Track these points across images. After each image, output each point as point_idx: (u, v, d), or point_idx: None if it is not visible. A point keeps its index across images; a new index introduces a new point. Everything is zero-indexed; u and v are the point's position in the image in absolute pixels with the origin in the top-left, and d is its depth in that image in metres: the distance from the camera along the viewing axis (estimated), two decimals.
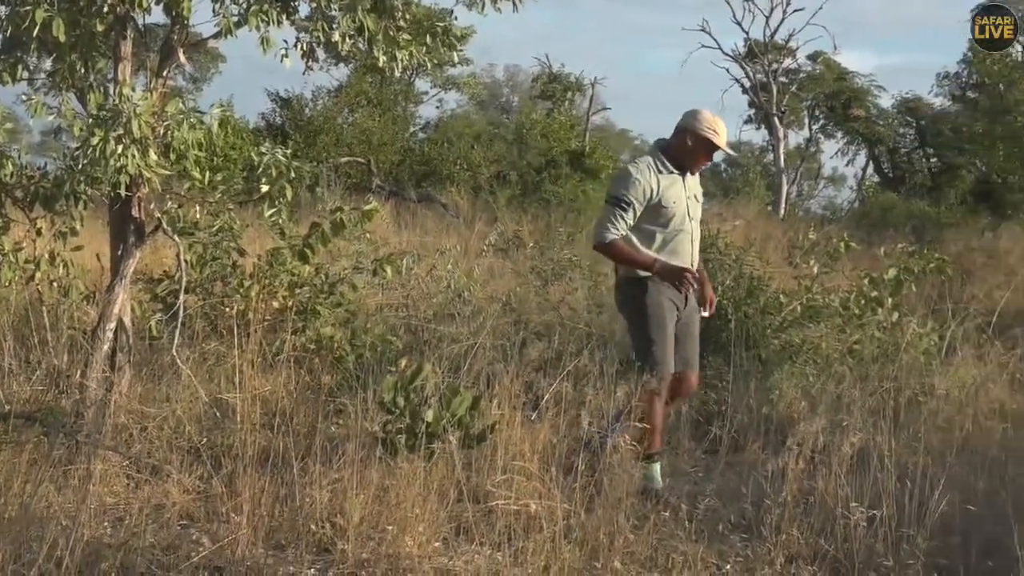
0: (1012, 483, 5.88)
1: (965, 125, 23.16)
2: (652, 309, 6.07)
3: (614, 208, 6.04)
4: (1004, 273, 15.93)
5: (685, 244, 6.21)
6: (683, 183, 6.21)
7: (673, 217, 6.13)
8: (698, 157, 6.26)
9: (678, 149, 6.20)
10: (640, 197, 6.02)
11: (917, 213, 22.39)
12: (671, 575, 4.58)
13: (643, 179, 6.04)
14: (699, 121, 6.16)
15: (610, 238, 6.03)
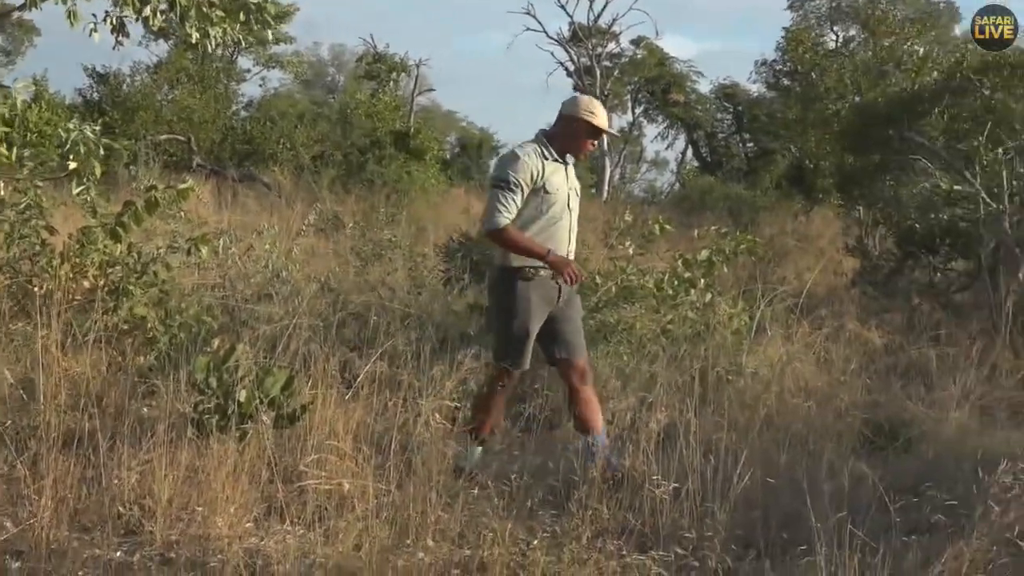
0: (811, 458, 6.11)
1: (780, 111, 23.85)
2: (520, 305, 5.96)
3: (502, 191, 5.91)
4: (814, 255, 16.45)
5: (563, 234, 6.12)
6: (565, 173, 6.15)
7: (554, 205, 6.04)
8: (581, 142, 6.20)
9: (561, 136, 6.16)
10: (527, 179, 5.92)
11: (733, 196, 22.92)
12: (481, 551, 4.62)
13: (530, 161, 5.94)
14: (577, 105, 6.15)
15: (502, 222, 5.88)
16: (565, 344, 6.12)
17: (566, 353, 6.12)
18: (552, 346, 6.13)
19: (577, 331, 6.24)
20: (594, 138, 6.26)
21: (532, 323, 5.96)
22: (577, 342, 6.20)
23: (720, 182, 25.33)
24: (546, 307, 6.02)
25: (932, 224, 12.31)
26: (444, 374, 6.33)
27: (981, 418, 7.55)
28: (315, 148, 24.62)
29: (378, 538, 4.59)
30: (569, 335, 6.15)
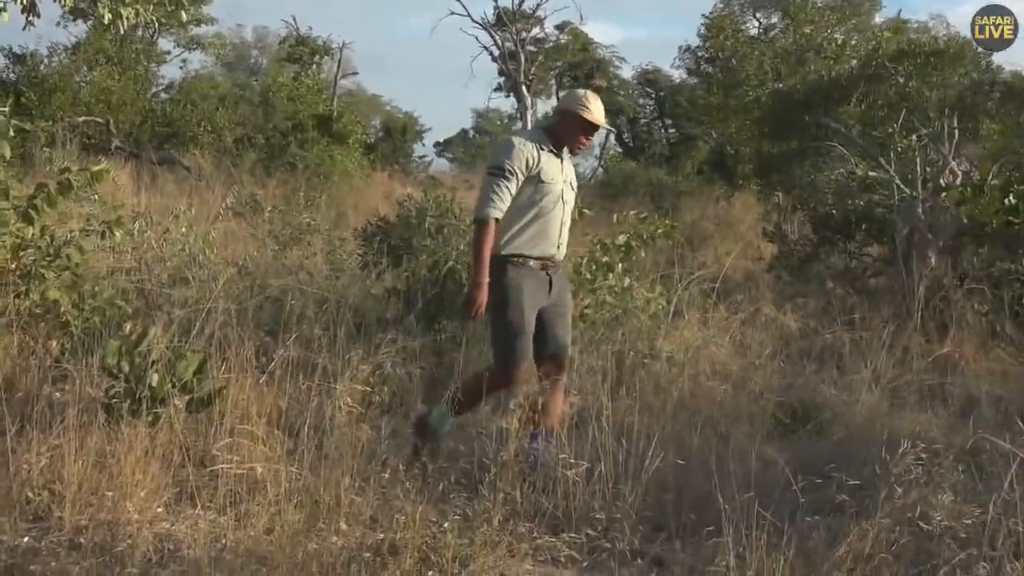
0: (723, 440, 6.18)
1: (701, 97, 23.99)
2: (512, 294, 5.88)
3: (496, 179, 5.86)
4: (734, 240, 16.59)
5: (554, 227, 6.05)
6: (561, 165, 6.10)
7: (548, 195, 5.97)
8: (576, 135, 6.15)
9: (558, 129, 6.14)
10: (522, 167, 5.86)
11: (655, 182, 23.05)
12: (394, 534, 4.63)
13: (525, 149, 5.89)
14: (573, 100, 6.16)
15: (491, 216, 5.84)
16: (556, 343, 6.09)
17: (556, 349, 6.08)
18: (538, 338, 6.02)
19: (568, 330, 6.24)
20: (588, 133, 6.21)
21: (528, 312, 5.91)
22: (567, 340, 6.20)
23: (642, 167, 25.48)
24: (539, 298, 5.98)
25: (848, 210, 12.46)
26: (361, 358, 6.31)
27: (892, 401, 7.66)
28: (237, 131, 24.37)
29: (290, 522, 4.58)
30: (560, 334, 6.12)
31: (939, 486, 4.86)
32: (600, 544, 4.90)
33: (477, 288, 5.82)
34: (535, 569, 4.68)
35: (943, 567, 4.42)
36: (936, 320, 10.02)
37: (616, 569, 4.81)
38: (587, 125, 6.10)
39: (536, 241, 5.96)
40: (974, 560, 4.37)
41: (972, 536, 4.54)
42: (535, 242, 5.96)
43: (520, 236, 5.93)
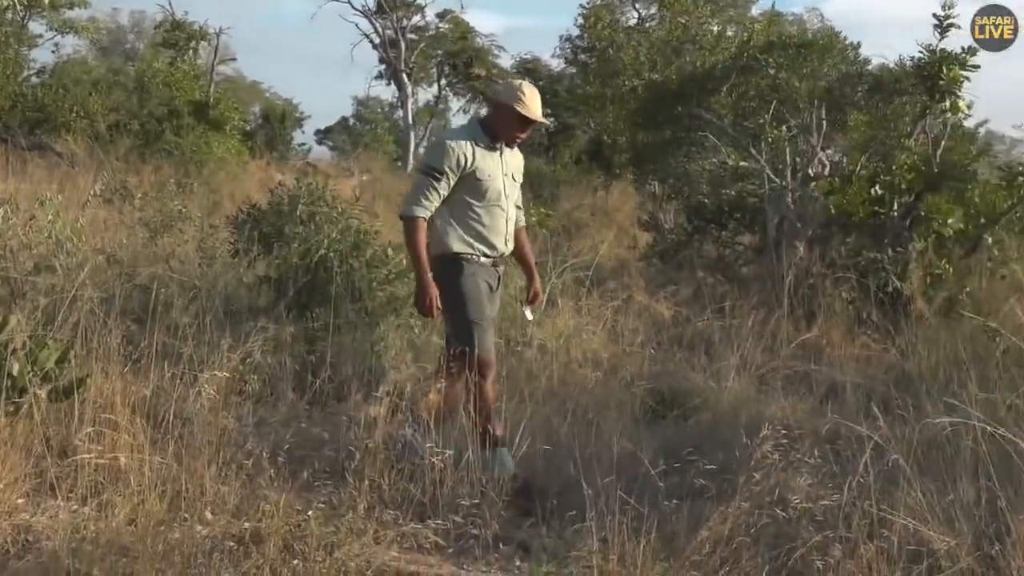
0: (593, 426, 6.26)
1: (579, 87, 24.13)
2: (469, 290, 5.82)
3: (427, 178, 5.79)
4: (611, 229, 16.73)
5: (499, 222, 5.96)
6: (500, 159, 5.97)
7: (488, 191, 5.87)
8: (512, 129, 5.97)
9: (493, 122, 6.01)
10: (454, 166, 5.75)
11: (534, 171, 23.02)
12: (259, 523, 4.60)
13: (457, 148, 5.78)
14: (508, 92, 6.01)
15: (419, 214, 5.76)
16: None
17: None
18: None
19: (493, 325, 6.16)
20: (524, 127, 6.03)
21: (485, 305, 5.88)
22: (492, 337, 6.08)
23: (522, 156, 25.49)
24: (490, 290, 5.96)
25: (721, 199, 12.65)
26: (230, 346, 6.24)
27: (759, 387, 7.80)
28: (111, 117, 23.87)
29: (153, 512, 4.54)
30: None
31: (796, 470, 4.96)
32: (466, 530, 4.92)
33: (424, 285, 5.76)
34: (401, 556, 4.67)
35: (800, 549, 4.52)
36: (804, 308, 10.22)
37: (481, 555, 4.85)
38: (523, 119, 5.94)
39: (484, 237, 5.89)
40: (830, 542, 4.48)
41: (828, 518, 4.65)
42: (483, 238, 5.88)
43: (468, 234, 5.85)
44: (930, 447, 5.35)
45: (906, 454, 4.88)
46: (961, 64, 10.81)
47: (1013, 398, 5.31)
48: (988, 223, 10.86)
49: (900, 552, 4.37)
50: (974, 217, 10.92)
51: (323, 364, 7.13)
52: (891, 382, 7.47)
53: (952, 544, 4.44)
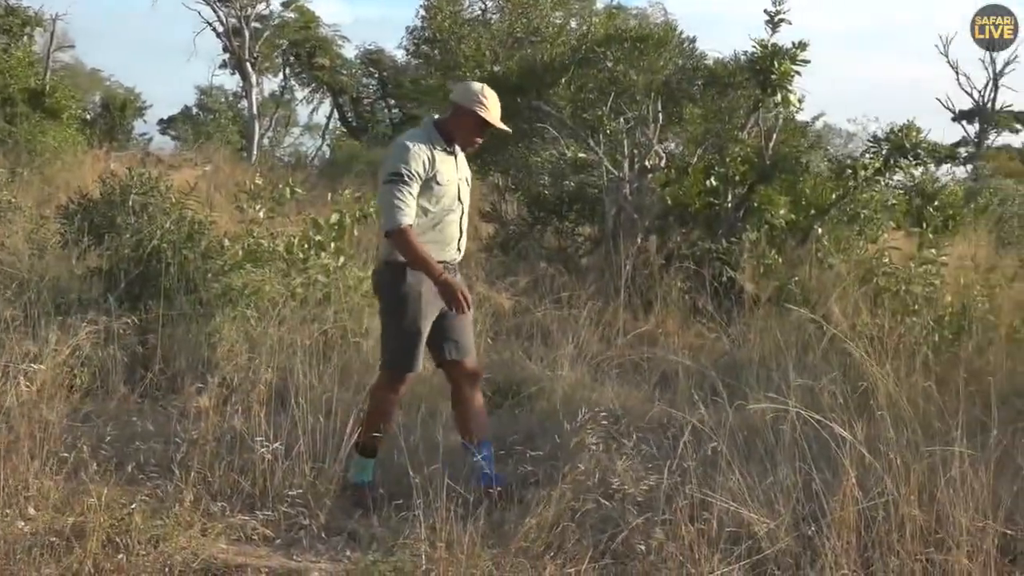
0: (427, 416, 6.30)
1: (423, 78, 24.10)
2: (410, 302, 5.58)
3: (397, 184, 5.45)
4: None
5: (454, 228, 5.77)
6: (456, 163, 5.77)
7: (444, 197, 5.65)
8: (468, 133, 5.76)
9: (451, 125, 5.75)
10: (420, 170, 5.49)
11: (378, 161, 22.94)
12: (82, 518, 4.54)
13: (420, 151, 5.52)
14: (469, 96, 5.73)
15: (405, 222, 5.43)
16: (454, 344, 5.84)
17: (456, 354, 5.84)
18: (441, 346, 5.81)
19: (466, 330, 5.93)
20: (483, 132, 5.83)
21: (423, 321, 5.65)
22: (466, 343, 5.91)
23: (366, 147, 25.43)
24: (437, 304, 5.65)
25: (561, 190, 12.76)
26: (58, 339, 6.12)
27: (595, 375, 7.93)
28: None
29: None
30: (458, 334, 5.85)
31: (619, 454, 5.07)
32: (297, 521, 4.93)
33: (446, 285, 5.47)
34: (229, 548, 4.67)
35: (624, 531, 4.63)
36: (642, 297, 10.37)
37: (311, 545, 4.85)
38: (483, 125, 5.73)
39: (437, 245, 5.65)
40: (652, 525, 4.59)
41: (651, 502, 4.77)
42: (435, 246, 5.64)
43: (422, 241, 5.55)
44: (751, 433, 5.52)
45: (728, 439, 5.02)
46: (792, 59, 11.08)
47: (829, 384, 5.47)
48: (818, 214, 11.17)
49: (720, 534, 4.50)
50: (805, 208, 11.23)
51: (155, 356, 7.05)
52: (721, 370, 7.63)
53: (772, 526, 4.60)
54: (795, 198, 11.30)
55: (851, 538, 4.48)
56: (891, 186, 12.62)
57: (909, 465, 4.68)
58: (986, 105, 58.07)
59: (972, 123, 58.33)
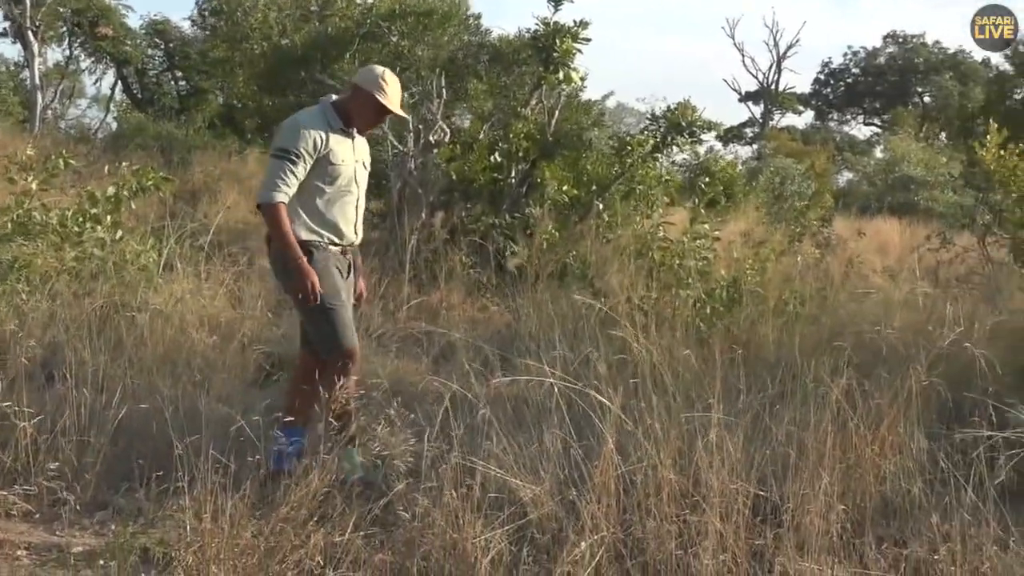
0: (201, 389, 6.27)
1: (209, 49, 23.71)
2: (324, 277, 5.45)
3: (282, 162, 5.39)
4: (244, 195, 16.59)
5: (350, 209, 5.66)
6: (353, 145, 5.69)
7: (339, 177, 5.55)
8: (366, 117, 5.71)
9: (349, 107, 5.66)
10: (310, 149, 5.42)
11: (166, 135, 22.56)
12: None
13: (312, 131, 5.45)
14: (369, 79, 5.66)
15: (278, 198, 5.35)
16: None
17: None
18: None
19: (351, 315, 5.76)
20: (381, 117, 5.83)
21: (342, 290, 5.56)
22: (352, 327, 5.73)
23: (152, 120, 24.87)
24: (344, 282, 5.62)
25: None
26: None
27: (377, 348, 7.98)
28: None
29: None
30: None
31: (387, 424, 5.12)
32: (60, 496, 4.85)
33: (301, 270, 5.36)
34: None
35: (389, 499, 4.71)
36: (427, 272, 10.45)
37: (75, 520, 4.79)
38: (381, 109, 5.70)
39: (333, 225, 5.58)
40: (417, 492, 4.67)
41: (417, 469, 4.84)
42: (332, 226, 5.57)
43: (315, 221, 5.52)
44: (519, 402, 5.64)
45: (496, 409, 5.13)
46: (573, 37, 11.29)
47: (593, 354, 5.62)
48: (599, 190, 11.41)
49: (485, 500, 4.60)
50: (587, 184, 11.46)
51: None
52: (498, 342, 7.76)
53: (536, 491, 4.71)
54: (577, 174, 11.52)
55: (611, 502, 4.63)
56: (676, 164, 12.99)
57: (668, 431, 4.87)
58: (770, 87, 60.14)
59: (757, 104, 60.38)
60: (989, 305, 9.34)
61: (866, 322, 7.55)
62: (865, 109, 61.15)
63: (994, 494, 4.69)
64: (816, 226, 17.39)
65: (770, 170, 24.67)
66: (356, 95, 5.68)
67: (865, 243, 16.86)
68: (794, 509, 4.67)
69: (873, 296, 9.41)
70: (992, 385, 5.77)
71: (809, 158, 29.97)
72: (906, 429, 5.19)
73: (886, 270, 11.87)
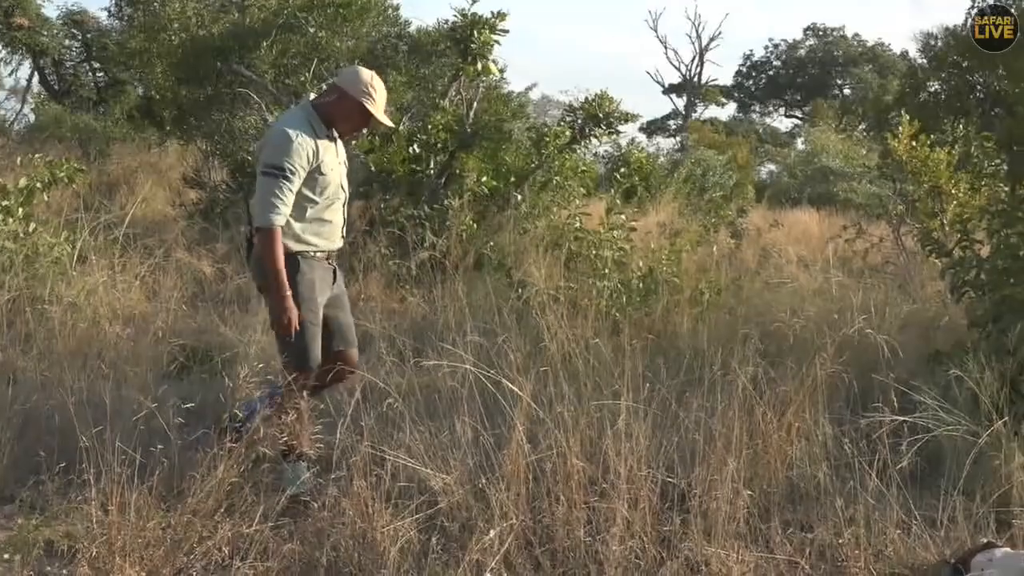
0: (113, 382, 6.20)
1: (127, 40, 23.39)
2: (306, 290, 5.29)
3: (277, 180, 5.12)
4: (163, 187, 16.48)
5: (337, 216, 5.49)
6: (336, 149, 5.46)
7: (328, 186, 5.34)
8: (352, 123, 5.49)
9: (333, 112, 5.41)
10: (304, 164, 5.17)
11: (83, 127, 22.26)
12: None
13: (304, 143, 5.18)
14: (356, 84, 5.41)
15: (277, 223, 5.13)
16: (342, 338, 5.62)
17: (343, 344, 5.60)
18: (327, 336, 5.50)
19: (351, 323, 5.74)
20: (366, 124, 5.57)
21: (319, 307, 5.39)
22: (352, 335, 5.71)
23: (69, 112, 24.54)
24: (327, 291, 5.46)
25: None
26: None
27: None
28: None
29: None
30: (345, 328, 5.65)
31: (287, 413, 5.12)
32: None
33: (283, 302, 5.18)
34: None
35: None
36: (346, 263, 10.42)
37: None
38: (368, 117, 5.47)
39: (323, 234, 5.41)
40: (327, 482, 4.69)
41: (327, 460, 4.85)
42: (322, 235, 5.40)
43: (307, 230, 5.32)
44: (431, 391, 5.67)
45: (409, 398, 5.15)
46: (491, 28, 11.30)
47: (505, 344, 5.64)
48: (518, 181, 11.44)
49: (394, 489, 4.61)
50: (505, 176, 11.48)
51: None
52: (414, 333, 7.77)
53: (446, 480, 4.74)
54: (496, 166, 11.54)
55: (521, 489, 4.66)
56: (598, 156, 13.05)
57: (577, 419, 4.91)
58: (693, 79, 60.58)
59: (681, 96, 60.81)
60: (902, 294, 9.53)
61: (780, 311, 7.65)
62: (787, 101, 61.89)
63: (897, 479, 4.78)
64: (732, 217, 17.57)
65: (691, 161, 24.84)
66: (342, 101, 5.43)
67: (784, 233, 17.08)
68: (701, 495, 4.73)
69: (788, 285, 9.55)
70: (898, 371, 5.90)
71: (731, 150, 30.25)
72: (812, 415, 5.27)
73: (800, 260, 12.00)
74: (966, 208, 8.96)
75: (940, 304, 8.63)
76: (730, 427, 4.93)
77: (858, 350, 6.52)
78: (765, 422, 5.14)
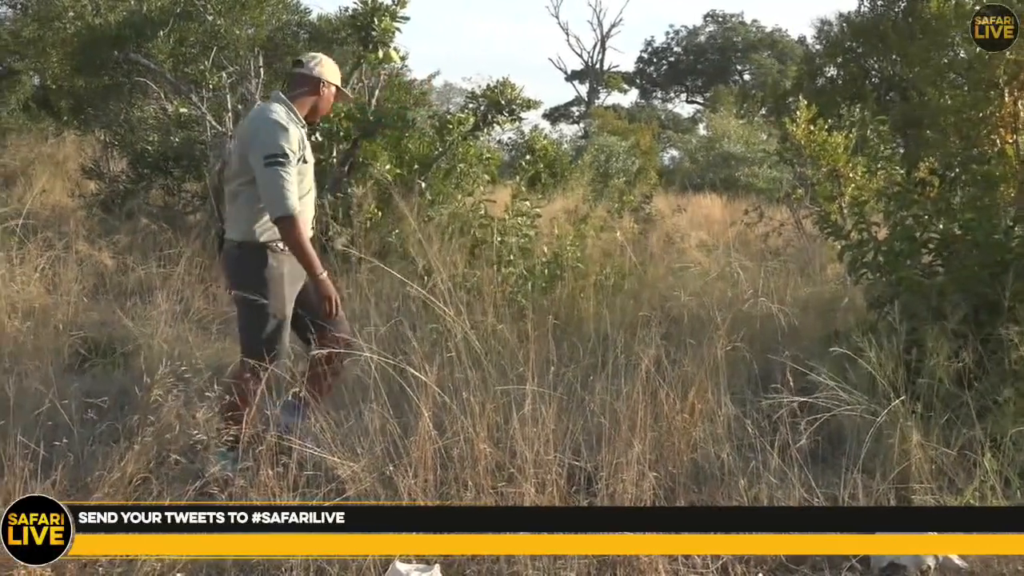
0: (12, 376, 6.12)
1: (20, 29, 22.98)
2: (273, 285, 5.24)
3: (282, 168, 5.08)
4: (61, 178, 16.25)
5: (308, 207, 5.42)
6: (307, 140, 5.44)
7: (307, 176, 5.34)
8: (328, 108, 5.59)
9: (309, 99, 5.45)
10: (295, 147, 5.16)
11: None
12: None
13: (294, 130, 5.19)
14: (334, 71, 5.53)
15: (294, 209, 5.10)
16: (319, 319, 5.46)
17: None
18: (305, 325, 5.39)
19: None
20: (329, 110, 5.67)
21: (288, 304, 5.32)
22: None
23: None
24: (299, 282, 5.38)
25: (166, 146, 12.52)
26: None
27: (198, 331, 7.90)
28: None
29: None
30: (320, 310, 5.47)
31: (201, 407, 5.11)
32: None
33: (324, 283, 5.25)
34: None
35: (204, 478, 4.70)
36: None
37: None
38: (339, 97, 5.64)
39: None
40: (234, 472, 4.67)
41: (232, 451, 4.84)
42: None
43: None
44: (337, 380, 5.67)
45: (313, 387, 5.16)
46: (392, 16, 11.25)
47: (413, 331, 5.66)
48: (422, 168, 11.42)
49: (301, 477, 4.61)
50: (409, 163, 11.46)
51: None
52: None
53: (354, 468, 4.75)
54: (400, 153, 11.52)
55: (428, 476, 4.69)
56: (503, 143, 13.08)
57: (484, 404, 4.95)
58: (595, 66, 60.89)
59: (583, 83, 61.09)
60: (803, 276, 9.70)
61: (684, 295, 7.75)
62: (688, 87, 62.44)
63: (799, 458, 4.88)
64: (636, 202, 17.70)
65: (595, 148, 24.96)
66: (315, 87, 5.49)
67: (687, 218, 17.26)
68: (608, 478, 4.79)
69: (691, 270, 9.67)
70: (798, 352, 6.02)
71: (634, 136, 30.45)
72: (715, 396, 5.36)
73: (702, 245, 12.16)
74: (863, 191, 9.11)
75: (840, 286, 8.80)
76: (635, 410, 4.99)
77: (759, 331, 6.64)
78: (669, 404, 5.22)
